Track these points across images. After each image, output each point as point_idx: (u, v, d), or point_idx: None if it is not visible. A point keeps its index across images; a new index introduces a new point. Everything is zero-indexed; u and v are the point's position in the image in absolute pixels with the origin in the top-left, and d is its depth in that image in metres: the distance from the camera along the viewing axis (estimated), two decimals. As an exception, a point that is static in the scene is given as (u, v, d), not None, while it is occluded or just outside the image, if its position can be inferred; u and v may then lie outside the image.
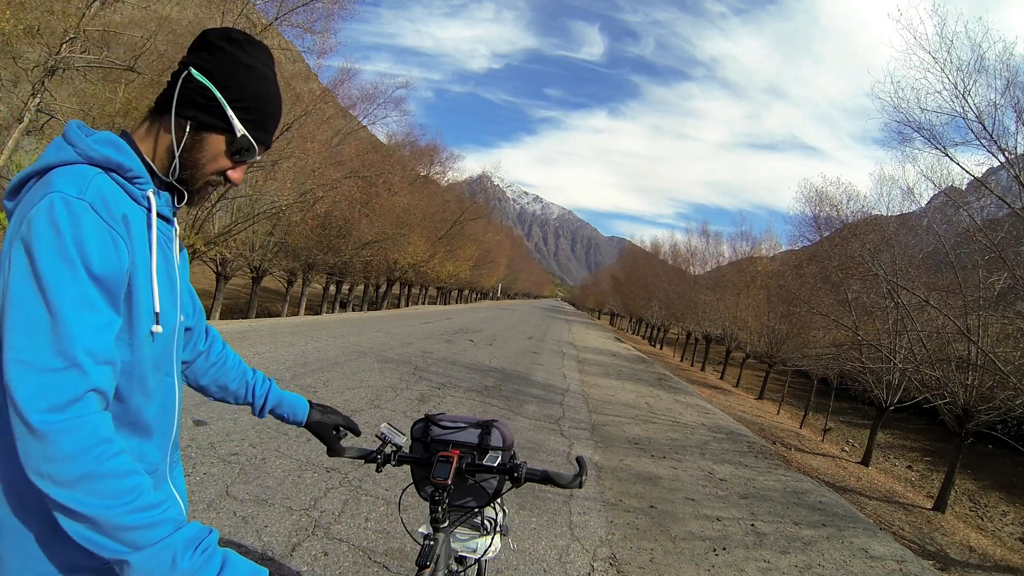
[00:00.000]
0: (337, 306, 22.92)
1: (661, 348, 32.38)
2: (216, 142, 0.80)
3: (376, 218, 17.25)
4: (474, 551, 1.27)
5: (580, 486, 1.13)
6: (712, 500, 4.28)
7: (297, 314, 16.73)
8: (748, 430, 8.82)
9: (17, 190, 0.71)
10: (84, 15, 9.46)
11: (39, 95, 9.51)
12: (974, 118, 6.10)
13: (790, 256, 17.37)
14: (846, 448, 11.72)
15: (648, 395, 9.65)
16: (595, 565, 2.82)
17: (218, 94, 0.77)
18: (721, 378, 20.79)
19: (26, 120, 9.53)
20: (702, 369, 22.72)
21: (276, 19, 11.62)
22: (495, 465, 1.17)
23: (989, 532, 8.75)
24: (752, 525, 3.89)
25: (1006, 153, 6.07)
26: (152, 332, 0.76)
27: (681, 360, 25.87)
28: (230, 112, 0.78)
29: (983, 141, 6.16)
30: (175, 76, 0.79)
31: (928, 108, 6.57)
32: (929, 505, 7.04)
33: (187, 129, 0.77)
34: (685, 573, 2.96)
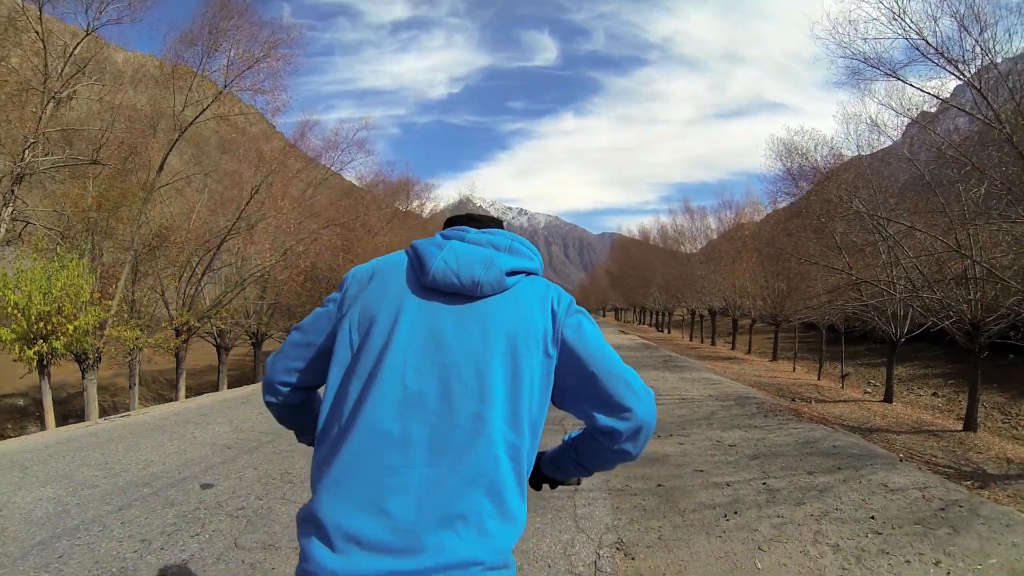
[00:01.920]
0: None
1: (669, 332, 32.13)
2: None
3: (361, 261, 17.27)
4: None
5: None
6: (721, 467, 4.17)
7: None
8: (757, 392, 8.66)
9: (512, 274, 0.96)
10: (41, 118, 9.63)
11: (11, 204, 9.62)
12: (916, 35, 6.10)
13: (775, 215, 17.31)
14: (868, 390, 11.46)
15: (653, 379, 9.53)
16: (601, 552, 2.74)
17: None
18: (732, 348, 20.55)
19: (2, 231, 9.63)
20: (712, 343, 22.48)
21: (226, 86, 11.85)
22: None
23: (1026, 442, 8.49)
24: (764, 484, 3.78)
25: (957, 64, 6.02)
26: None
27: (691, 339, 25.64)
28: None
29: (931, 57, 6.15)
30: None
31: (869, 36, 6.60)
32: (960, 427, 6.88)
33: None
34: (696, 543, 2.86)
